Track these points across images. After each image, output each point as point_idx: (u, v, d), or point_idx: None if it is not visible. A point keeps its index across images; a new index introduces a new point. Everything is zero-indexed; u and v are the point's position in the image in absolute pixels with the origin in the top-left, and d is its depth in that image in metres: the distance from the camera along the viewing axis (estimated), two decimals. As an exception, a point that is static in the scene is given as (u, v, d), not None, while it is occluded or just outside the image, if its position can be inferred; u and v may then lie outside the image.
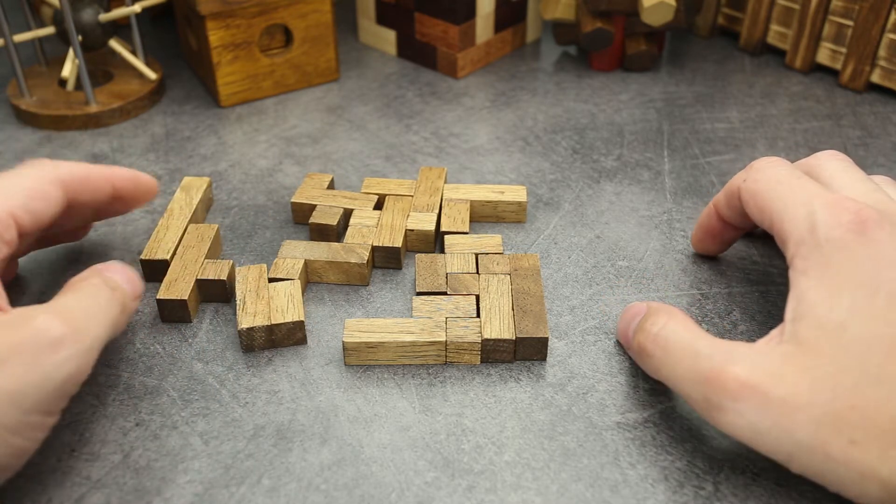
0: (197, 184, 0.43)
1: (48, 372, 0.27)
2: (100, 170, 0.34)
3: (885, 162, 0.47)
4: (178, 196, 0.42)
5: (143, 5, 0.52)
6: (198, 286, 0.37)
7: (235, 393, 0.33)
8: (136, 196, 0.36)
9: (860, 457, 0.25)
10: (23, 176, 0.32)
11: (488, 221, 0.43)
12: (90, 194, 0.34)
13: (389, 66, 0.58)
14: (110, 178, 0.35)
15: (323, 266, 0.38)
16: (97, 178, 0.34)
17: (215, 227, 0.40)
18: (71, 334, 0.27)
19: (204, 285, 0.37)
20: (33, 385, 0.26)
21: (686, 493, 0.29)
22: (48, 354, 0.27)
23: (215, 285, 0.37)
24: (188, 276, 0.37)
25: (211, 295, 0.37)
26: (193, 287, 0.37)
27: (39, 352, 0.27)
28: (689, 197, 0.44)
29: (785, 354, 0.27)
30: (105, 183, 0.34)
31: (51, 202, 0.32)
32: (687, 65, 0.58)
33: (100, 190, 0.34)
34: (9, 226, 0.30)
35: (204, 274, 0.37)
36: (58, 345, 0.27)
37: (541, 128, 0.51)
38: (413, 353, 0.34)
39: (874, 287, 0.27)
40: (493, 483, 0.30)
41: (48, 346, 0.27)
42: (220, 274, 0.37)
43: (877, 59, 0.53)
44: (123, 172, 0.36)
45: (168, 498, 0.29)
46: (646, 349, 0.31)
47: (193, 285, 0.37)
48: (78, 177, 0.33)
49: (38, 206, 0.31)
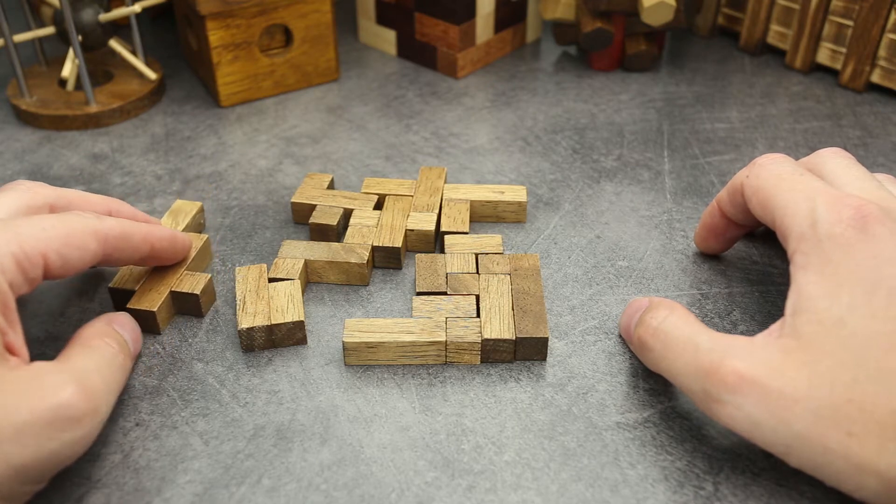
0: (187, 208, 0.41)
1: (59, 449, 0.26)
2: (139, 229, 0.33)
3: (885, 162, 0.47)
4: (165, 221, 0.40)
5: (143, 5, 0.52)
6: (171, 298, 0.36)
7: (235, 393, 0.33)
8: (171, 256, 0.36)
9: (858, 449, 0.25)
10: (66, 220, 0.30)
11: (488, 221, 0.43)
12: (128, 252, 0.33)
13: (389, 66, 0.58)
14: (149, 238, 0.34)
15: (323, 266, 0.38)
16: (136, 239, 0.33)
17: (205, 238, 0.39)
18: (91, 412, 0.27)
19: (178, 298, 0.36)
20: (41, 460, 0.26)
21: (686, 493, 0.29)
22: (65, 432, 0.26)
23: (189, 299, 0.36)
24: (163, 286, 0.36)
25: (186, 308, 0.37)
26: (167, 298, 0.36)
27: (58, 429, 0.26)
28: (689, 197, 0.44)
29: (784, 348, 0.27)
30: (143, 243, 0.34)
31: (86, 254, 0.31)
32: (687, 65, 0.58)
33: (138, 249, 0.34)
34: (36, 265, 0.29)
35: (179, 286, 0.36)
36: (76, 423, 0.26)
37: (541, 128, 0.51)
38: (413, 353, 0.34)
39: (874, 283, 0.27)
40: (493, 483, 0.30)
41: (67, 423, 0.26)
42: (195, 288, 0.36)
43: (877, 59, 0.53)
44: (161, 233, 0.35)
45: (168, 498, 0.29)
46: (646, 343, 0.31)
47: (167, 297, 0.36)
48: (118, 234, 0.32)
49: (73, 254, 0.30)
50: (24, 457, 0.25)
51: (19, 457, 0.25)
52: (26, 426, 0.25)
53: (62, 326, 0.36)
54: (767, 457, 0.30)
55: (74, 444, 0.27)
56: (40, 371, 0.27)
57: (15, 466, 0.25)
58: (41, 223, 0.30)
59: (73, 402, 0.26)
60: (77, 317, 0.37)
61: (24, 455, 0.25)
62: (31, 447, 0.25)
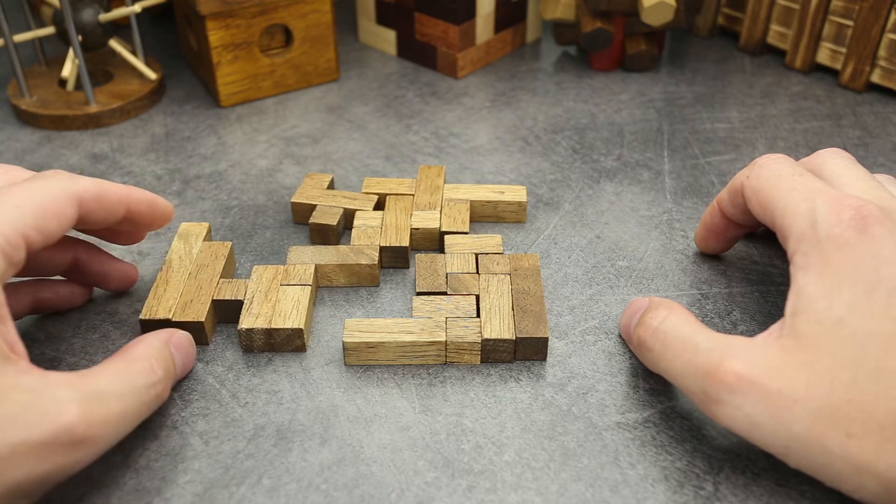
0: (196, 230, 0.39)
1: (53, 472, 0.25)
2: (116, 189, 0.32)
3: (884, 162, 0.47)
4: (176, 245, 0.38)
5: (143, 5, 0.52)
6: (214, 307, 0.36)
7: (235, 393, 0.33)
8: (150, 221, 0.34)
9: (857, 450, 0.25)
10: (38, 190, 0.29)
11: (488, 221, 0.43)
12: (103, 214, 0.31)
13: (389, 66, 0.58)
14: (125, 199, 0.32)
15: (333, 269, 0.38)
16: (112, 199, 0.32)
17: (228, 245, 0.38)
18: (90, 440, 0.26)
19: (220, 306, 0.36)
20: (34, 481, 0.25)
21: (686, 493, 0.29)
22: (60, 455, 0.25)
23: (232, 306, 0.36)
24: (204, 296, 0.35)
25: (227, 316, 0.36)
26: (210, 308, 0.35)
27: (53, 452, 0.25)
28: (689, 197, 0.44)
29: (783, 349, 0.27)
30: (119, 205, 0.32)
31: (63, 220, 0.29)
32: (687, 65, 0.58)
33: (113, 211, 0.32)
34: (18, 247, 0.27)
35: (220, 294, 0.36)
36: (73, 449, 0.25)
37: (541, 128, 0.51)
38: (413, 353, 0.34)
39: (873, 283, 0.27)
40: (493, 483, 0.30)
41: (63, 448, 0.25)
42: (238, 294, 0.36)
43: (877, 59, 0.53)
44: (140, 195, 0.33)
45: (168, 498, 0.29)
46: (646, 343, 0.31)
47: (210, 306, 0.35)
48: (93, 194, 0.31)
49: (52, 224, 0.29)
50: (17, 477, 0.24)
51: (11, 476, 0.24)
52: (22, 445, 0.24)
53: (62, 326, 0.36)
54: (767, 457, 0.30)
55: (68, 468, 0.26)
56: (50, 384, 0.26)
57: (6, 484, 0.24)
58: (13, 200, 0.28)
59: (74, 426, 0.25)
60: (77, 316, 0.37)
61: (16, 475, 0.24)
62: (25, 468, 0.24)
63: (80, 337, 0.36)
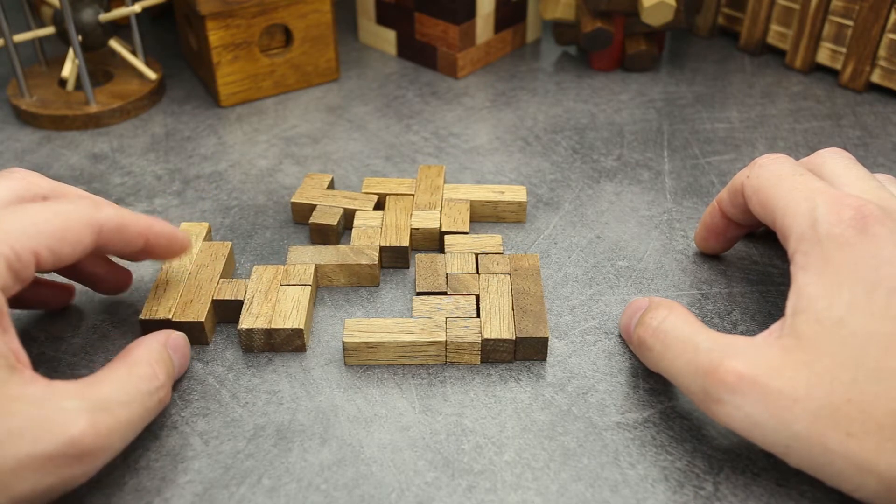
0: (196, 230, 0.39)
1: (58, 484, 0.25)
2: (137, 222, 0.31)
3: (884, 162, 0.47)
4: None
5: (143, 5, 0.52)
6: (214, 307, 0.35)
7: (235, 393, 0.33)
8: (167, 255, 0.34)
9: (857, 450, 0.25)
10: (61, 214, 0.28)
11: (488, 221, 0.43)
12: (121, 244, 0.31)
13: (389, 66, 0.58)
14: (146, 232, 0.32)
15: (333, 269, 0.38)
16: (132, 231, 0.31)
17: (228, 245, 0.38)
18: (99, 451, 0.26)
19: (220, 306, 0.36)
20: (38, 494, 0.25)
21: (686, 493, 0.29)
22: (67, 468, 0.25)
23: (232, 306, 0.35)
24: (204, 296, 0.35)
25: (226, 316, 0.36)
26: (210, 308, 0.35)
27: (60, 465, 0.25)
28: (689, 197, 0.44)
29: (784, 348, 0.27)
30: (138, 237, 0.32)
31: (79, 248, 0.29)
32: (687, 65, 0.58)
33: (131, 242, 0.31)
34: (28, 264, 0.27)
35: (220, 294, 0.36)
36: (81, 461, 0.25)
37: (541, 128, 0.51)
38: (413, 353, 0.34)
39: (874, 283, 0.27)
40: (493, 483, 0.30)
41: (71, 460, 0.25)
42: (238, 294, 0.35)
43: (877, 59, 0.53)
44: (160, 229, 0.33)
45: (168, 498, 0.29)
46: (646, 343, 0.31)
47: (210, 306, 0.35)
48: (115, 225, 0.30)
49: (66, 249, 0.28)
50: (23, 490, 0.24)
51: (17, 490, 0.24)
52: (28, 458, 0.24)
53: (62, 326, 0.36)
54: (767, 457, 0.30)
55: (74, 481, 0.26)
56: (56, 394, 0.26)
57: (12, 498, 0.24)
58: (34, 217, 0.28)
59: (83, 438, 0.25)
60: (77, 316, 0.37)
61: (22, 488, 0.24)
62: (30, 481, 0.24)
63: (80, 337, 0.36)
